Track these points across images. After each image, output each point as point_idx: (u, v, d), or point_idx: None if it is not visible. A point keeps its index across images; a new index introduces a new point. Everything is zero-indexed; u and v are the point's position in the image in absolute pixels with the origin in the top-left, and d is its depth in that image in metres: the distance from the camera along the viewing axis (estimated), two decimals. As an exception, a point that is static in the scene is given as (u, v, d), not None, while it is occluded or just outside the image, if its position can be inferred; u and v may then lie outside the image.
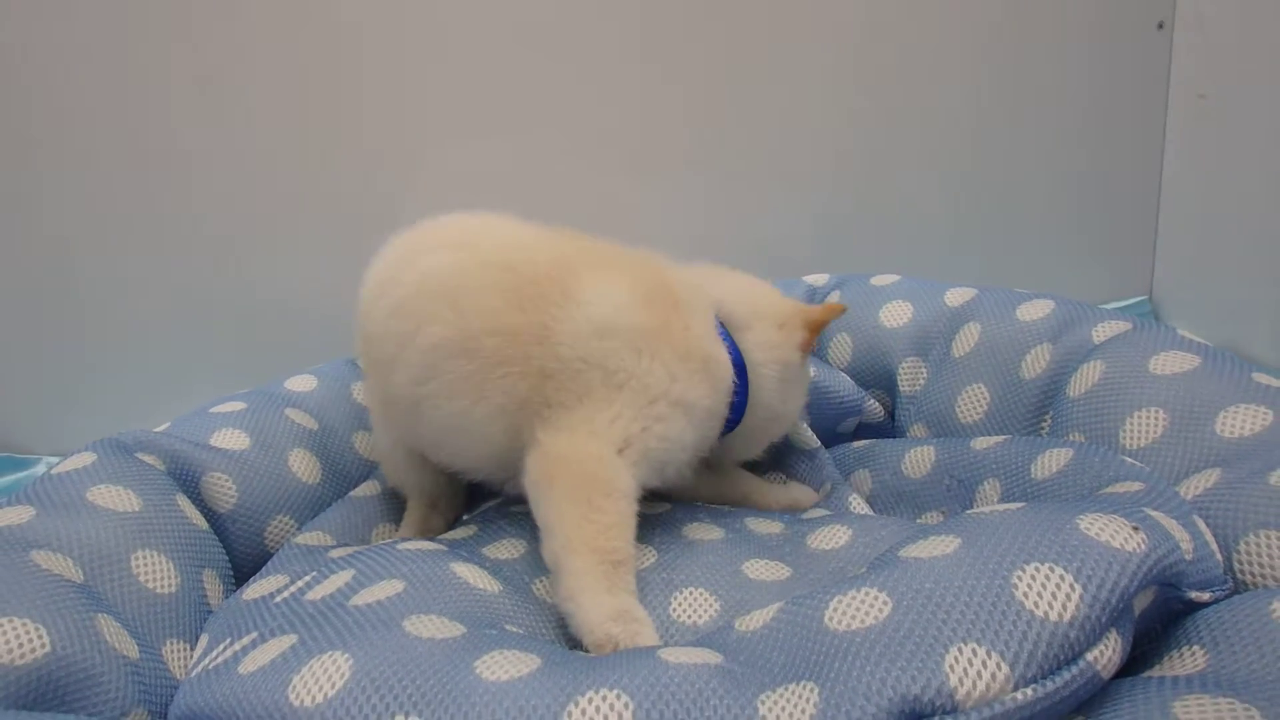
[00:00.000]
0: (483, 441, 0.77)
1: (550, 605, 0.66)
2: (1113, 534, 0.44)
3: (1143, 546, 0.43)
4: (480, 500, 0.94)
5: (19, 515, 0.66)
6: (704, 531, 0.75)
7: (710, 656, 0.47)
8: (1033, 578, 0.42)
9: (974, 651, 0.40)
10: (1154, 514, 0.47)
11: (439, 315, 0.77)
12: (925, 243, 1.41)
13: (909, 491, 0.85)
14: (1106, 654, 0.41)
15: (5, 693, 0.52)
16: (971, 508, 0.76)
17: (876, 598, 0.45)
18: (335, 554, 0.75)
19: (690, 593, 0.64)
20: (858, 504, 0.86)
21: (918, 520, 0.81)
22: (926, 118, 1.37)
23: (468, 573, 0.67)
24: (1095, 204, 1.43)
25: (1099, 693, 0.42)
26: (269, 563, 0.80)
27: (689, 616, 0.63)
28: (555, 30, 1.28)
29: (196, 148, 1.27)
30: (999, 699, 0.39)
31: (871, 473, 0.91)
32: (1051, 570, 0.42)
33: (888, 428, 1.06)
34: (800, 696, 0.42)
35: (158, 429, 0.86)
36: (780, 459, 0.97)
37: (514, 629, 0.59)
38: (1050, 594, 0.41)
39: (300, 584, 0.68)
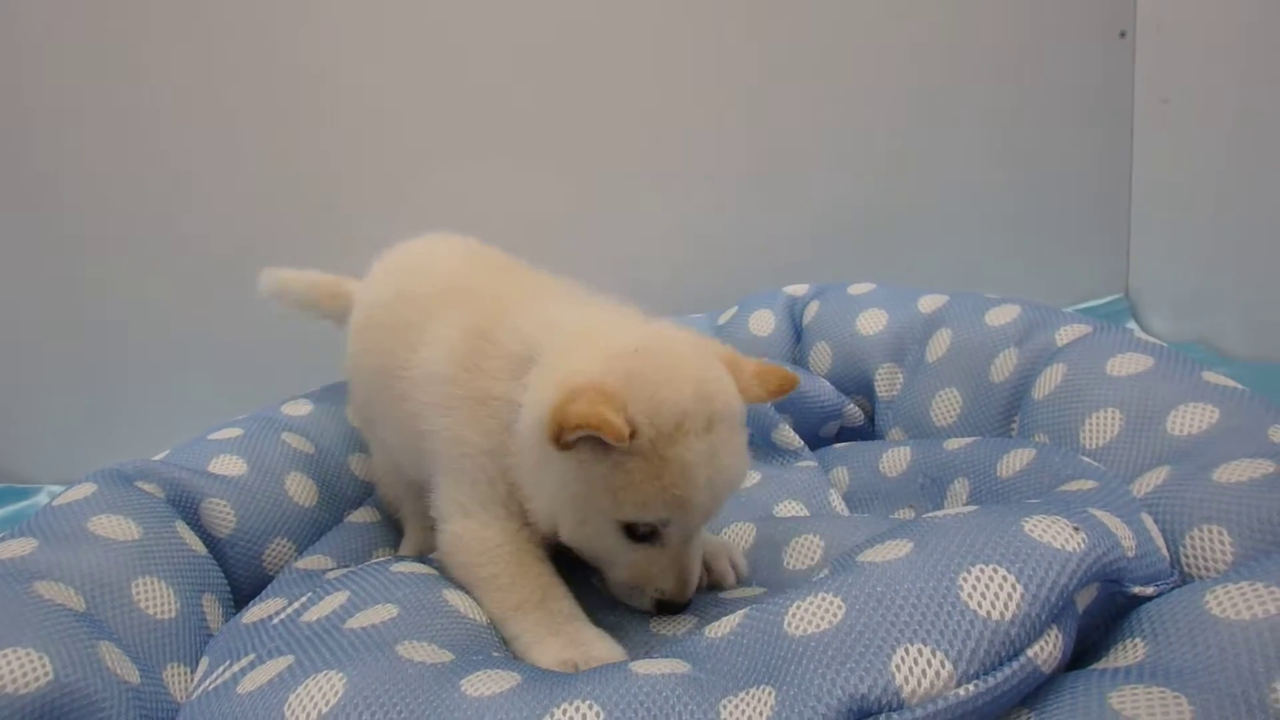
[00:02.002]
0: (419, 468, 0.79)
1: None
2: (1054, 535, 0.46)
3: (1082, 546, 0.46)
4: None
5: (21, 548, 0.68)
6: None
7: (678, 666, 0.50)
8: (977, 579, 0.45)
9: (919, 651, 0.42)
10: (1097, 513, 0.50)
11: (371, 345, 0.83)
12: (904, 248, 1.43)
13: (885, 490, 0.88)
14: (1047, 650, 0.44)
15: None
16: (943, 506, 0.79)
17: (831, 602, 0.47)
18: (331, 575, 0.77)
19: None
20: (836, 500, 0.89)
21: (891, 516, 0.84)
22: (901, 127, 1.40)
23: (459, 601, 0.69)
24: (1069, 207, 1.46)
25: (1042, 686, 0.44)
26: (269, 587, 0.83)
27: (669, 630, 0.66)
28: (549, 46, 1.31)
29: (191, 180, 1.30)
30: (942, 695, 0.41)
31: (850, 470, 0.94)
32: (995, 571, 0.45)
33: (868, 431, 1.09)
34: (759, 700, 0.44)
35: (157, 457, 0.88)
36: (763, 457, 1.00)
37: (500, 655, 0.62)
38: (993, 594, 0.44)
39: (297, 605, 0.71)
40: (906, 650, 0.42)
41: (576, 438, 0.58)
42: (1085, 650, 0.50)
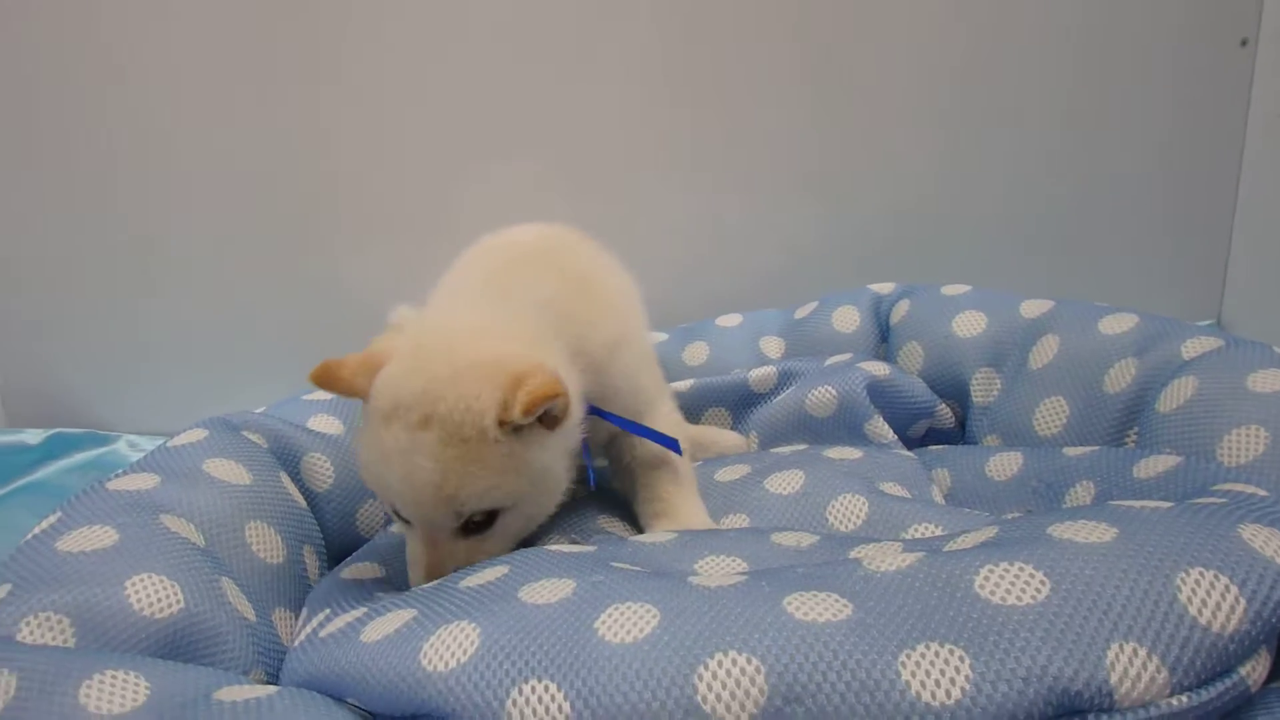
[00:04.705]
0: None
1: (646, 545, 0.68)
2: (1276, 549, 0.44)
3: (1306, 565, 0.43)
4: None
5: (146, 481, 0.68)
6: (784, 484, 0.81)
7: (839, 607, 0.46)
8: (1197, 583, 0.42)
9: (1135, 651, 0.40)
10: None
11: None
12: (987, 256, 1.40)
13: (990, 492, 0.85)
14: (1258, 669, 0.42)
15: (148, 643, 0.55)
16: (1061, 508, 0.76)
17: (1033, 575, 0.45)
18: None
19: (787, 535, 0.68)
20: (937, 495, 0.87)
21: (1003, 518, 0.81)
22: (996, 129, 1.36)
23: (564, 546, 0.68)
24: (1166, 223, 1.41)
25: (1238, 701, 0.42)
26: (365, 547, 0.82)
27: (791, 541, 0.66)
28: (581, 46, 1.30)
29: (268, 156, 1.33)
30: (1154, 702, 0.39)
31: (952, 472, 0.91)
32: (1217, 578, 0.43)
33: (957, 436, 1.06)
34: (946, 660, 0.42)
35: (257, 411, 0.89)
36: (858, 446, 0.99)
37: (621, 565, 0.60)
38: (1215, 603, 0.42)
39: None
40: (1121, 648, 0.40)
41: None
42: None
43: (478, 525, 0.66)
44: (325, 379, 0.65)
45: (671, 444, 0.77)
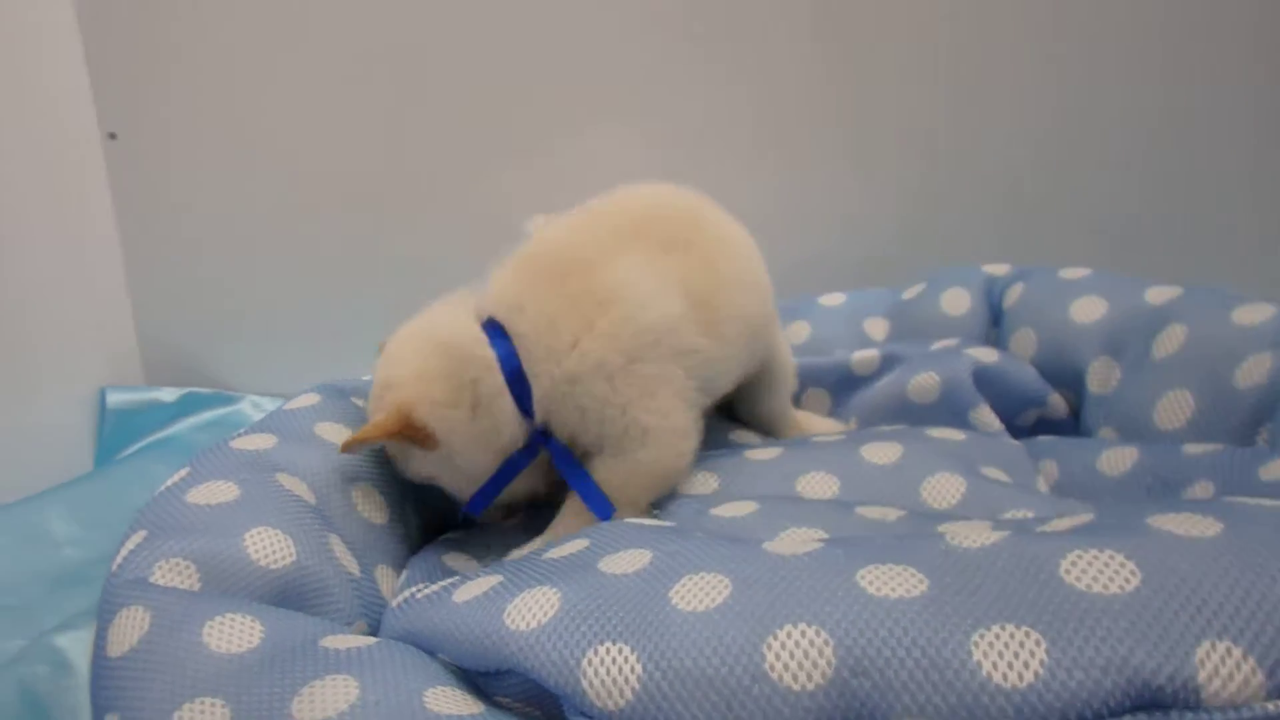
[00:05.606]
0: None
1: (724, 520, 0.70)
2: None
3: None
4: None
5: (265, 441, 0.73)
6: (881, 454, 0.81)
7: (914, 582, 0.46)
8: None
9: (1228, 650, 0.38)
10: None
11: None
12: (1096, 239, 1.35)
13: (1100, 487, 0.82)
14: (1359, 677, 0.39)
15: (263, 591, 0.59)
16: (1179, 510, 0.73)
17: (1124, 565, 0.43)
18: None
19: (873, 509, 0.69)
20: (1042, 485, 0.84)
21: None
22: (1107, 113, 1.32)
23: (645, 520, 0.69)
24: (1230, 211, 1.34)
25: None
26: (462, 533, 0.85)
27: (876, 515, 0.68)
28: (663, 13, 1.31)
29: (370, 149, 1.41)
30: (1247, 705, 0.37)
31: (1059, 464, 0.87)
32: None
33: (1070, 427, 1.02)
34: (1020, 643, 0.41)
35: (365, 378, 0.92)
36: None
37: (700, 534, 0.60)
38: None
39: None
40: (1214, 646, 0.38)
41: None
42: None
43: None
44: None
45: (602, 512, 0.74)
